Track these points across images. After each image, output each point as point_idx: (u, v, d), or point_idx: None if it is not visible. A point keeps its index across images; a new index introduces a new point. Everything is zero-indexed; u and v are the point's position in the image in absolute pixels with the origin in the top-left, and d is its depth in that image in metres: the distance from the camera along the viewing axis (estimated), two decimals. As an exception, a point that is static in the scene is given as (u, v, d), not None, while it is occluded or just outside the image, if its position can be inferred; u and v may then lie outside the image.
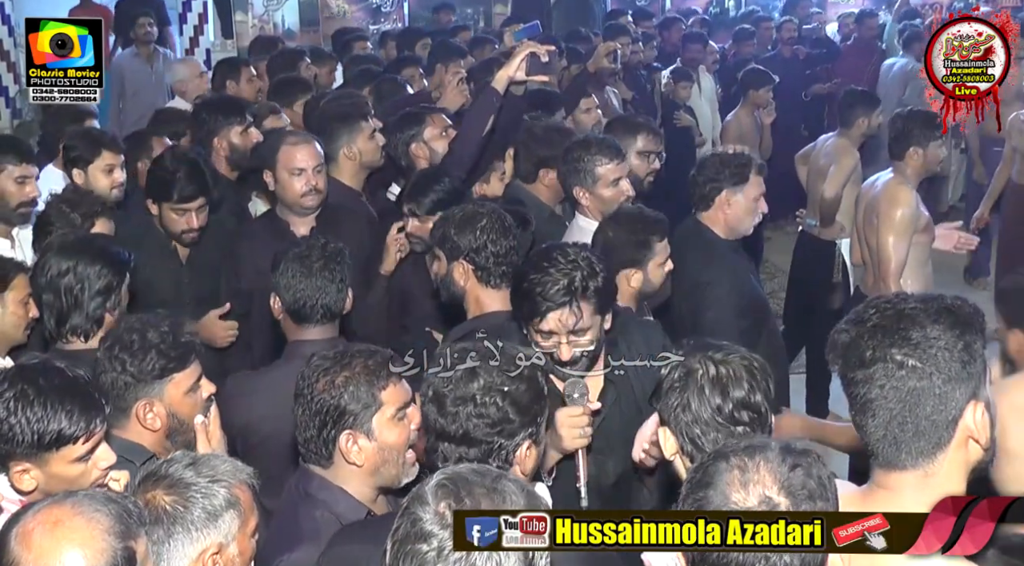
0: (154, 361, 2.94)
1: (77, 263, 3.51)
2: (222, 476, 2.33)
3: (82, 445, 2.58)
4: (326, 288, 3.51)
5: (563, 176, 4.60)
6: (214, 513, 2.28)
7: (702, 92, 9.78)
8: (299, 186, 4.51)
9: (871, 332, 2.00)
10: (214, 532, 2.28)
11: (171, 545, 2.25)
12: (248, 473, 2.40)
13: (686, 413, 2.42)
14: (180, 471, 2.32)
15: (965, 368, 1.96)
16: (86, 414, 2.58)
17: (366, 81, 6.58)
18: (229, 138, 5.22)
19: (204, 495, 2.29)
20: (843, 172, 6.64)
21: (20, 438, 2.54)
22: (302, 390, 2.73)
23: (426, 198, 4.30)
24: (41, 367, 2.67)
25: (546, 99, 5.85)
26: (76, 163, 4.88)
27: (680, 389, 2.44)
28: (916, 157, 5.39)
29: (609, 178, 4.47)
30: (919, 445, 1.97)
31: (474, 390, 2.47)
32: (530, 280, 3.11)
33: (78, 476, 2.60)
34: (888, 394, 1.97)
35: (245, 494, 2.35)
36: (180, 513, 2.26)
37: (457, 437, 2.46)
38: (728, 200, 4.40)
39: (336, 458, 2.71)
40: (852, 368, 2.01)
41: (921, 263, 5.46)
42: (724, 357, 2.47)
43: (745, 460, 1.76)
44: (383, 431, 2.70)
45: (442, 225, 3.69)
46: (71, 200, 4.14)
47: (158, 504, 2.26)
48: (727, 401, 2.40)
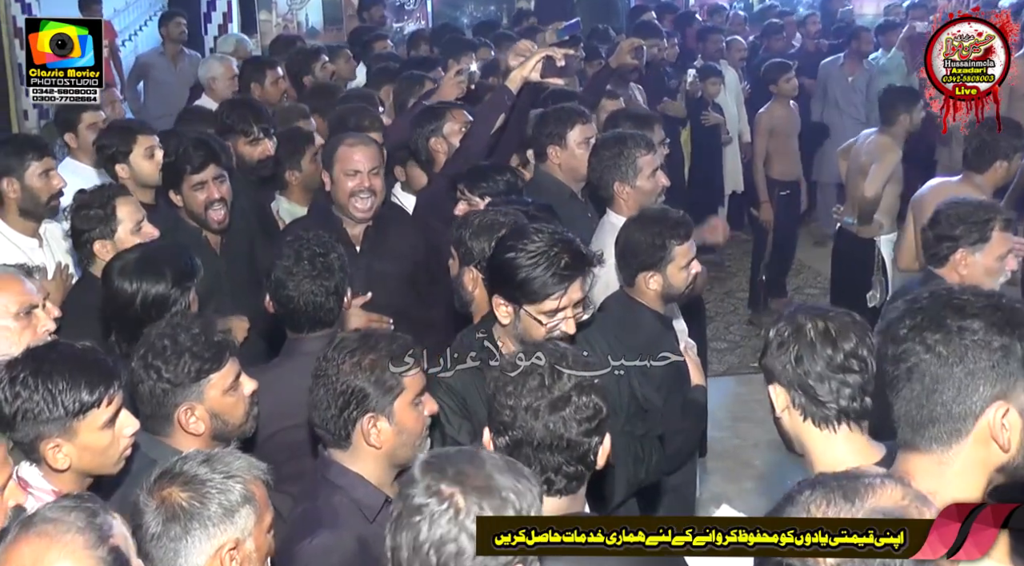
0: (188, 364, 2.93)
1: (141, 285, 3.48)
2: (237, 472, 2.35)
3: (106, 408, 2.66)
4: (313, 302, 3.53)
5: (599, 173, 4.59)
6: (230, 509, 2.29)
7: (727, 87, 9.75)
8: (351, 186, 4.51)
9: (914, 313, 2.03)
10: (231, 528, 2.29)
11: (189, 541, 2.26)
12: (262, 469, 2.41)
13: (799, 365, 2.47)
14: (195, 468, 2.33)
15: (995, 368, 1.96)
16: (104, 378, 2.67)
17: (384, 79, 6.61)
18: (236, 145, 5.24)
19: (220, 491, 2.30)
20: (885, 170, 6.47)
21: (48, 413, 2.61)
22: (325, 370, 2.78)
23: (483, 182, 4.33)
24: (49, 345, 2.79)
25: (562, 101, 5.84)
26: (115, 159, 4.88)
27: (790, 343, 2.49)
28: (1000, 170, 5.23)
29: (648, 170, 4.50)
30: (933, 431, 2.00)
31: (568, 390, 2.45)
32: (529, 262, 3.07)
33: (107, 446, 2.69)
34: (912, 375, 2.00)
35: (260, 490, 2.37)
36: (197, 509, 2.27)
37: (559, 445, 2.42)
38: (965, 260, 4.02)
39: (355, 440, 2.76)
40: (888, 343, 2.05)
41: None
42: (828, 314, 2.54)
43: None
44: (403, 415, 2.77)
45: (460, 227, 3.64)
46: (84, 201, 4.14)
47: (174, 501, 2.27)
48: (838, 352, 2.46)
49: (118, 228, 4.08)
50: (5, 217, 4.64)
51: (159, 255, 3.63)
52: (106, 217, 4.07)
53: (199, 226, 4.62)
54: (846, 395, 2.47)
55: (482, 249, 3.50)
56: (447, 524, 1.94)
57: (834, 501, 1.67)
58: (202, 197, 4.55)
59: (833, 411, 2.47)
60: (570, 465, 2.44)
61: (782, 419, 2.53)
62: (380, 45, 8.57)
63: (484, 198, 4.20)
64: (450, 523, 1.94)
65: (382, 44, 8.61)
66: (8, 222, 4.64)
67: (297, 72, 7.28)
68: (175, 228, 4.58)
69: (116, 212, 4.09)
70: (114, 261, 3.65)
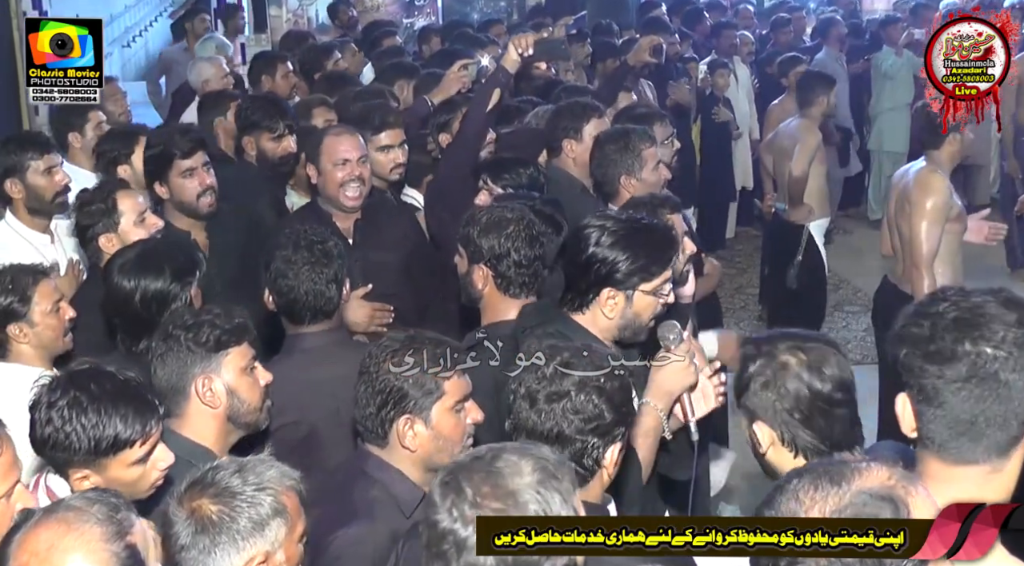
0: (208, 333, 2.93)
1: (140, 282, 3.46)
2: (268, 483, 2.30)
3: (139, 448, 2.60)
4: (314, 290, 3.51)
5: (604, 167, 4.62)
6: (260, 522, 2.25)
7: (739, 83, 9.73)
8: (341, 176, 4.48)
9: (953, 325, 1.98)
10: (260, 541, 2.25)
11: (217, 554, 2.23)
12: (295, 479, 2.36)
13: (785, 402, 2.44)
14: (227, 479, 2.29)
15: None
16: (141, 417, 2.60)
17: (398, 75, 6.62)
18: (260, 140, 5.26)
19: (250, 504, 2.26)
20: (808, 150, 7.02)
21: (77, 446, 2.56)
22: (367, 367, 2.77)
23: (506, 174, 4.33)
24: (92, 372, 2.66)
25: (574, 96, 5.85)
26: (117, 161, 4.88)
27: (773, 381, 2.46)
28: (954, 144, 5.31)
29: (652, 163, 4.55)
30: (998, 436, 1.96)
31: (569, 386, 2.47)
32: (648, 238, 3.16)
33: (137, 479, 2.63)
34: (972, 385, 1.95)
35: (292, 500, 2.32)
36: (226, 523, 2.23)
37: (551, 436, 2.44)
38: None
39: (392, 439, 2.75)
40: (931, 360, 1.98)
41: (952, 252, 5.41)
42: (805, 343, 2.50)
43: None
44: (441, 420, 2.74)
45: (468, 224, 3.61)
46: (86, 198, 4.15)
47: (204, 513, 2.24)
48: (825, 383, 2.44)
49: (121, 220, 4.06)
50: (17, 214, 4.66)
51: (159, 251, 3.61)
52: (108, 211, 4.06)
53: (189, 216, 4.52)
54: (836, 426, 2.44)
55: (491, 246, 3.49)
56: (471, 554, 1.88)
57: (821, 486, 1.67)
58: (192, 184, 4.46)
59: (826, 445, 2.44)
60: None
61: (768, 456, 2.50)
62: (389, 41, 8.59)
63: (506, 189, 4.22)
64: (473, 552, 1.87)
65: (391, 40, 8.62)
66: (20, 219, 4.66)
67: (309, 69, 7.30)
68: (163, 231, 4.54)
69: (118, 205, 4.08)
70: (114, 258, 3.63)
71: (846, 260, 9.51)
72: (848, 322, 8.45)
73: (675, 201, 3.98)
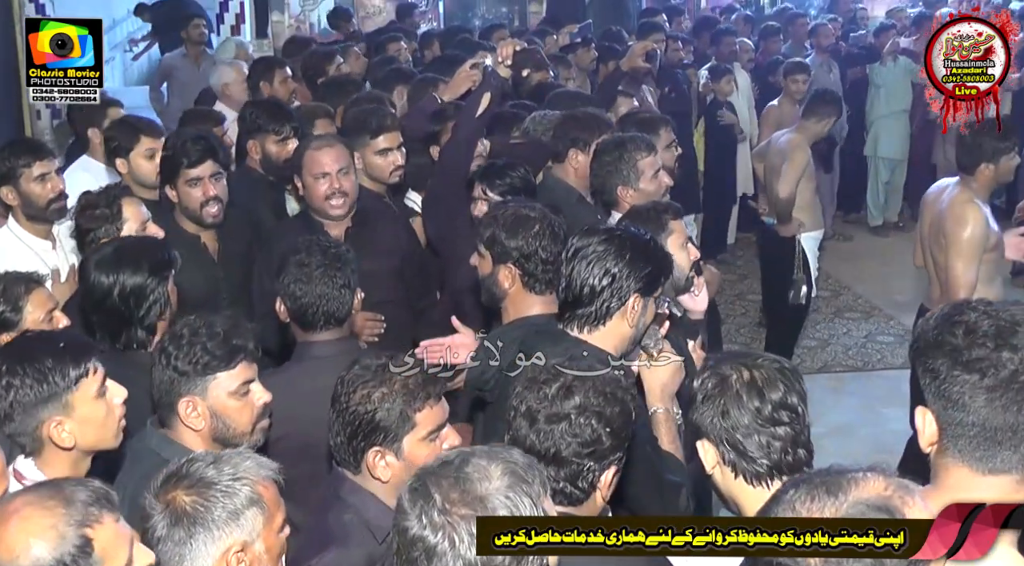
0: (196, 357, 2.94)
1: (118, 277, 3.50)
2: (244, 473, 2.32)
3: (94, 377, 2.78)
4: (327, 295, 3.50)
5: (601, 178, 4.61)
6: (235, 511, 2.27)
7: (739, 89, 9.74)
8: (323, 189, 4.51)
9: (994, 333, 1.99)
10: (236, 530, 2.26)
11: (193, 545, 2.24)
12: (272, 469, 2.38)
13: (725, 420, 2.41)
14: (202, 470, 2.31)
15: None
16: (83, 350, 2.83)
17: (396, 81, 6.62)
18: (265, 144, 5.27)
19: (225, 494, 2.27)
20: (796, 170, 6.86)
21: (41, 392, 2.73)
22: (339, 396, 2.73)
23: (501, 181, 4.33)
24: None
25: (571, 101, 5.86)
26: (117, 153, 4.93)
27: (716, 397, 2.43)
28: (987, 172, 5.18)
29: (650, 172, 4.52)
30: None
31: (569, 409, 2.46)
32: (642, 245, 3.17)
33: (104, 417, 2.81)
34: (1013, 393, 1.97)
35: (269, 490, 2.34)
36: (200, 513, 2.25)
37: (548, 456, 2.43)
38: None
39: (364, 468, 2.72)
40: (968, 369, 1.99)
41: (991, 277, 5.22)
42: (754, 362, 2.47)
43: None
44: (413, 451, 2.69)
45: (491, 225, 3.60)
46: (90, 202, 4.14)
47: (179, 505, 2.26)
48: (765, 403, 2.39)
49: (123, 227, 4.07)
50: (18, 221, 4.67)
51: (136, 246, 3.66)
52: (112, 216, 4.07)
53: (195, 223, 4.56)
54: (777, 448, 2.38)
55: (519, 246, 3.51)
56: (447, 557, 1.91)
57: (818, 496, 1.67)
58: (197, 193, 4.50)
59: (764, 467, 2.38)
60: (558, 482, 2.43)
61: (714, 476, 2.46)
62: (394, 47, 8.59)
63: (504, 196, 4.22)
64: (449, 555, 1.90)
65: (395, 46, 8.62)
66: (21, 225, 4.66)
67: (312, 74, 7.30)
68: (171, 233, 4.47)
69: (122, 212, 4.09)
70: (90, 255, 3.67)
71: (846, 266, 9.52)
72: (848, 328, 8.45)
73: (676, 208, 3.97)
